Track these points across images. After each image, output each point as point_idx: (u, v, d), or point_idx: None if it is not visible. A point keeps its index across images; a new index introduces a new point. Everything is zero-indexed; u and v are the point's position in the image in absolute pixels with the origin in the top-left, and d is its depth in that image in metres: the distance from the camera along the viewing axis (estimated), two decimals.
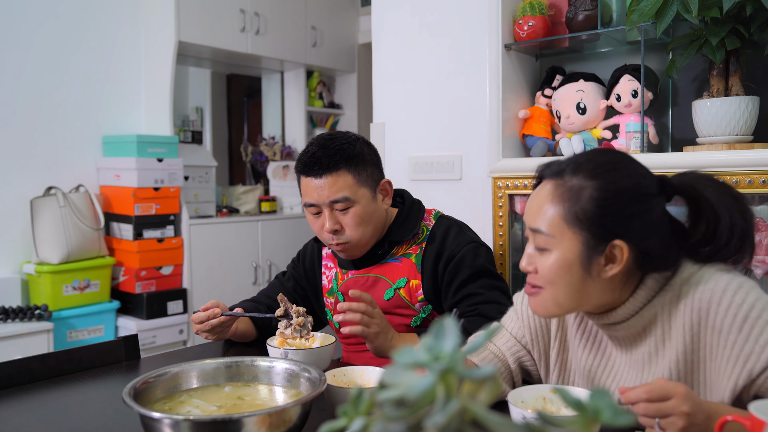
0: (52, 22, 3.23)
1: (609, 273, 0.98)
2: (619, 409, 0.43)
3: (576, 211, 0.97)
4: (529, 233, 1.03)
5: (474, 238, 1.54)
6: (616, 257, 0.98)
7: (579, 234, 0.97)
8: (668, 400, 0.87)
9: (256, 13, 3.77)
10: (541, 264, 1.01)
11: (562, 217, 0.98)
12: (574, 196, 0.97)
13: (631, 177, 0.99)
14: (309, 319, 1.31)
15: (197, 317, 1.44)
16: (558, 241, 0.98)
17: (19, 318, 2.83)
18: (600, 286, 1.00)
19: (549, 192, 1.00)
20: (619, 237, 0.97)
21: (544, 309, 1.03)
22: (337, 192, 1.43)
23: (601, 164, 0.99)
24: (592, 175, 0.98)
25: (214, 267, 3.52)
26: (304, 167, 1.46)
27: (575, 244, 0.98)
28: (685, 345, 1.00)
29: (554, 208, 0.99)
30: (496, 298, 1.45)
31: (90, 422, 1.07)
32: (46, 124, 3.22)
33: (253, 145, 4.46)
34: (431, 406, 0.40)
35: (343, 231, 1.46)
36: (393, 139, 2.42)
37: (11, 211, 3.09)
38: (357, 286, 1.54)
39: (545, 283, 1.01)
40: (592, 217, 0.96)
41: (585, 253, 0.98)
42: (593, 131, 2.02)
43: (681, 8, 1.62)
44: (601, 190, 0.97)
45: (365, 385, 1.11)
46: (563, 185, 0.99)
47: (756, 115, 1.71)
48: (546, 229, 0.99)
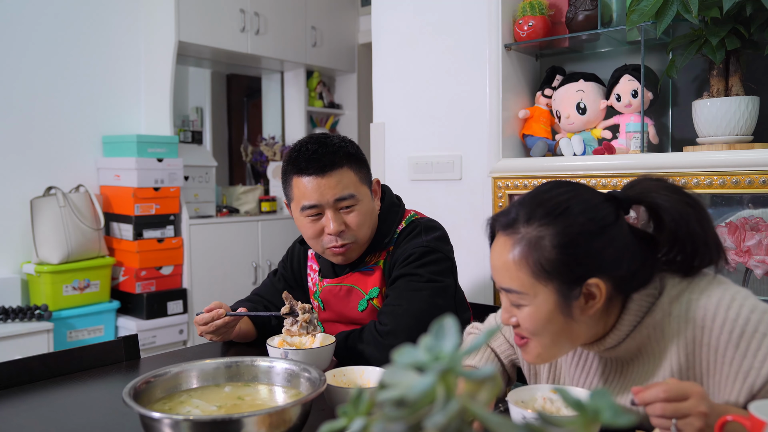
0: (51, 22, 3.23)
1: (591, 310, 0.97)
2: (619, 409, 0.43)
3: (541, 263, 0.94)
4: (501, 292, 1.01)
5: (426, 243, 1.44)
6: (594, 294, 0.96)
7: (550, 284, 0.95)
8: (686, 400, 0.85)
9: (256, 13, 3.77)
10: (521, 318, 0.99)
11: (529, 272, 0.95)
12: (535, 249, 0.95)
13: (585, 212, 0.95)
14: (315, 315, 1.30)
15: (201, 319, 1.42)
16: (531, 296, 0.96)
17: (19, 318, 2.83)
18: (585, 323, 0.99)
19: (509, 248, 0.97)
20: (591, 275, 0.95)
21: (537, 358, 1.01)
22: (343, 189, 1.38)
23: (551, 207, 0.96)
24: (546, 222, 0.95)
25: (214, 267, 3.52)
26: (305, 165, 1.38)
27: (549, 295, 0.95)
28: (680, 363, 0.98)
29: (518, 264, 0.96)
30: (405, 300, 1.36)
31: (90, 422, 1.07)
32: (46, 124, 3.22)
33: (253, 145, 4.46)
34: (431, 406, 0.40)
35: (347, 231, 1.40)
36: (393, 139, 2.42)
37: (11, 211, 3.09)
38: (331, 295, 1.51)
39: (530, 334, 0.99)
40: (559, 266, 0.94)
41: (561, 300, 0.95)
42: (593, 131, 2.03)
43: (681, 8, 1.62)
44: (559, 236, 0.94)
45: (365, 385, 1.11)
46: (520, 239, 0.96)
47: (756, 115, 1.71)
48: (517, 287, 0.97)
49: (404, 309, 1.35)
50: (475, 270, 2.20)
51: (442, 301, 1.41)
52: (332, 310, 1.52)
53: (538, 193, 1.00)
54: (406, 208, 1.57)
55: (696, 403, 0.85)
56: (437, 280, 1.40)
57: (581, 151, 1.98)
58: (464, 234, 2.22)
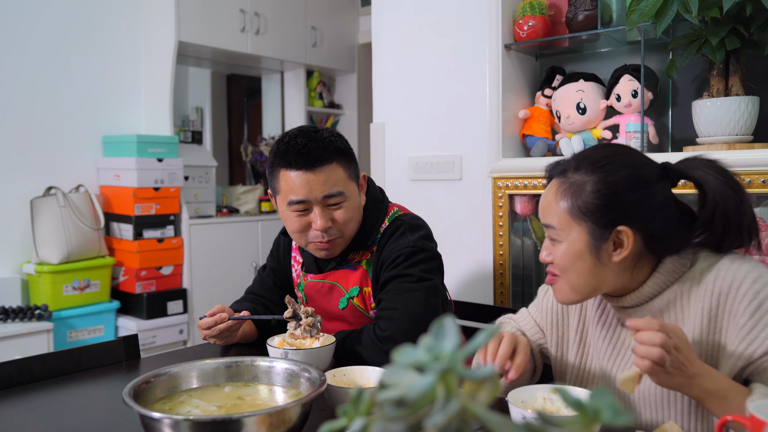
0: (51, 22, 3.23)
1: (618, 258, 1.05)
2: (619, 409, 0.43)
3: (579, 205, 1.05)
4: (544, 229, 1.12)
5: (413, 243, 1.42)
6: (623, 242, 1.05)
7: (584, 225, 1.05)
8: (671, 336, 0.92)
9: (256, 13, 3.77)
10: (555, 254, 1.09)
11: (567, 211, 1.07)
12: (577, 192, 1.06)
13: (627, 167, 1.06)
14: (318, 318, 1.30)
15: (204, 323, 1.41)
16: (566, 233, 1.07)
17: (19, 318, 2.83)
18: (612, 270, 1.06)
19: (555, 189, 1.09)
20: (622, 223, 1.04)
21: (563, 295, 1.10)
22: (332, 186, 1.36)
23: (598, 159, 1.07)
24: (591, 170, 1.06)
25: (214, 267, 3.52)
26: (294, 160, 1.35)
27: (582, 234, 1.06)
28: (702, 328, 1.04)
29: (560, 204, 1.08)
30: (399, 303, 1.35)
31: (90, 422, 1.07)
32: (46, 124, 3.22)
33: (253, 145, 4.46)
34: (431, 406, 0.40)
35: (334, 227, 1.39)
36: (393, 139, 2.42)
37: (11, 211, 3.09)
38: (314, 291, 1.51)
39: (560, 271, 1.09)
40: (594, 209, 1.04)
41: (592, 241, 1.05)
42: (593, 131, 2.02)
43: (681, 8, 1.62)
44: (600, 183, 1.04)
45: (365, 385, 1.11)
46: (567, 182, 1.08)
47: (756, 115, 1.71)
48: (555, 223, 1.08)
49: (400, 312, 1.34)
50: (475, 270, 2.20)
51: (435, 300, 1.41)
52: (315, 305, 1.52)
53: (593, 147, 1.13)
54: (390, 202, 1.55)
55: (681, 342, 0.93)
56: (428, 278, 1.40)
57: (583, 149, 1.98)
58: (464, 234, 2.22)
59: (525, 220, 2.13)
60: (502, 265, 2.12)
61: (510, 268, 2.12)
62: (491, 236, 2.15)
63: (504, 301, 2.13)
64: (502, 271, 2.12)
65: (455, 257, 2.22)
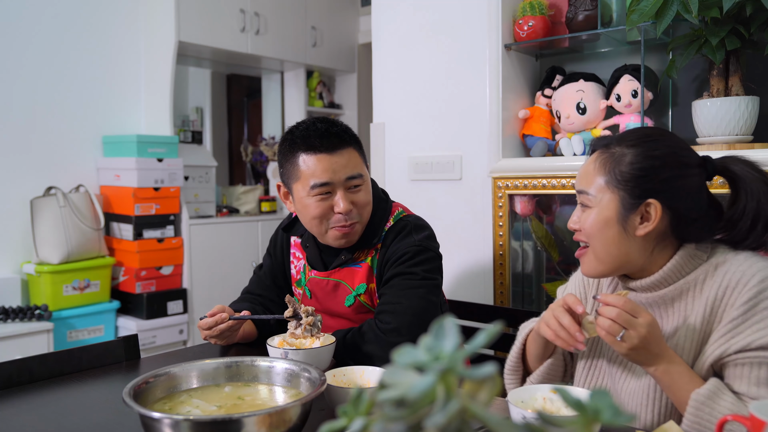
0: (51, 22, 3.23)
1: (643, 231, 1.08)
2: (619, 409, 0.43)
3: (616, 174, 1.10)
4: (577, 195, 1.17)
5: (418, 242, 1.45)
6: (650, 215, 1.08)
7: (617, 193, 1.09)
8: (636, 317, 1.00)
9: (256, 13, 3.77)
10: (584, 220, 1.13)
11: (603, 179, 1.11)
12: (616, 162, 1.10)
13: (668, 146, 1.10)
14: (318, 318, 1.30)
15: (205, 323, 1.42)
16: (599, 199, 1.11)
17: (19, 318, 2.83)
18: (636, 244, 1.10)
19: (596, 158, 1.14)
20: (652, 196, 1.07)
21: (589, 266, 1.14)
22: (354, 168, 1.40)
23: (642, 135, 1.12)
24: (633, 144, 1.11)
25: (214, 267, 3.52)
26: (318, 143, 1.37)
27: (613, 202, 1.10)
28: (703, 317, 1.06)
29: (598, 171, 1.12)
30: (403, 298, 1.37)
31: (90, 422, 1.07)
32: (46, 124, 3.22)
33: (253, 145, 4.46)
34: (431, 406, 0.40)
35: (354, 210, 1.41)
36: (393, 139, 2.42)
37: (11, 211, 3.09)
38: (318, 288, 1.51)
39: (587, 237, 1.13)
40: (629, 179, 1.08)
41: (621, 210, 1.09)
42: (593, 131, 2.02)
43: (681, 8, 1.62)
44: (639, 156, 1.09)
45: (365, 385, 1.11)
46: (608, 152, 1.13)
47: (756, 115, 1.71)
48: (589, 189, 1.12)
49: (405, 307, 1.36)
50: (475, 270, 2.20)
51: (436, 298, 1.44)
52: (317, 302, 1.52)
53: (638, 127, 1.19)
54: (394, 202, 1.57)
55: (642, 323, 1.00)
56: (431, 278, 1.43)
57: (581, 151, 1.98)
58: (464, 234, 2.22)
59: (525, 220, 2.13)
60: (502, 265, 2.12)
61: (510, 268, 2.12)
62: (491, 236, 2.15)
63: (504, 301, 2.13)
64: (501, 271, 2.12)
65: (455, 257, 2.22)
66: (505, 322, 1.72)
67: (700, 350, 1.06)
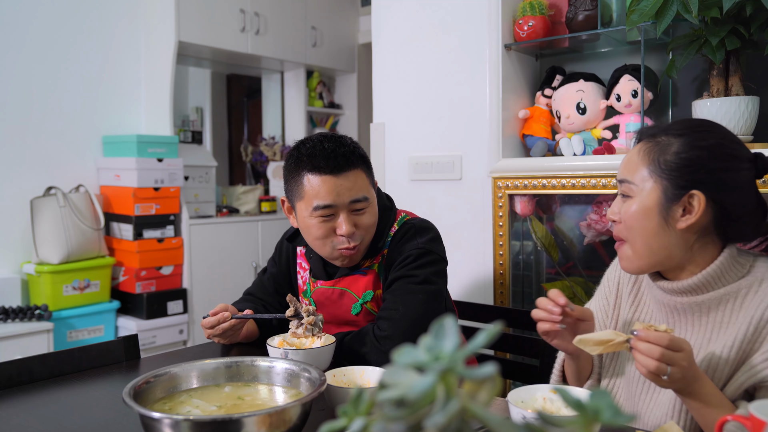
0: (51, 22, 3.23)
1: (684, 223, 1.04)
2: (619, 409, 0.43)
3: (660, 162, 1.05)
4: (618, 185, 1.13)
5: (422, 245, 1.43)
6: (693, 207, 1.03)
7: (660, 183, 1.05)
8: (680, 351, 0.93)
9: (256, 13, 3.77)
10: (624, 211, 1.09)
11: (647, 167, 1.07)
12: (661, 150, 1.06)
13: (717, 138, 1.05)
14: (320, 317, 1.30)
15: (207, 322, 1.41)
16: (641, 188, 1.07)
17: (19, 318, 2.83)
18: (676, 238, 1.05)
19: (641, 148, 1.10)
20: (696, 187, 1.03)
21: (628, 261, 1.10)
22: (359, 191, 1.36)
23: (690, 125, 1.08)
24: (680, 134, 1.06)
25: (214, 267, 3.52)
26: (324, 164, 1.34)
27: (656, 192, 1.05)
28: (745, 335, 1.02)
29: (642, 161, 1.08)
30: (401, 305, 1.36)
31: (90, 422, 1.07)
32: (46, 124, 3.22)
33: (253, 145, 4.46)
34: (431, 406, 0.40)
35: (358, 232, 1.38)
36: (393, 139, 2.42)
37: (11, 211, 3.09)
38: (324, 298, 1.50)
39: (626, 230, 1.09)
40: (674, 168, 1.04)
41: (663, 200, 1.05)
42: (593, 131, 2.02)
43: (681, 8, 1.62)
44: (685, 145, 1.04)
45: (365, 385, 1.11)
46: (654, 141, 1.08)
47: (756, 115, 1.71)
48: (632, 178, 1.08)
49: (401, 314, 1.35)
50: (475, 270, 2.20)
51: (436, 304, 1.41)
52: (325, 311, 1.51)
53: (689, 118, 1.13)
54: (398, 209, 1.56)
55: (684, 357, 0.93)
56: (432, 282, 1.41)
57: (581, 151, 1.98)
58: (464, 234, 2.22)
59: (525, 220, 2.13)
60: (502, 265, 2.12)
61: (510, 268, 2.12)
62: (491, 236, 2.15)
63: (504, 301, 2.13)
64: (502, 271, 2.12)
65: (455, 257, 2.22)
66: (505, 322, 1.72)
67: (736, 367, 1.02)
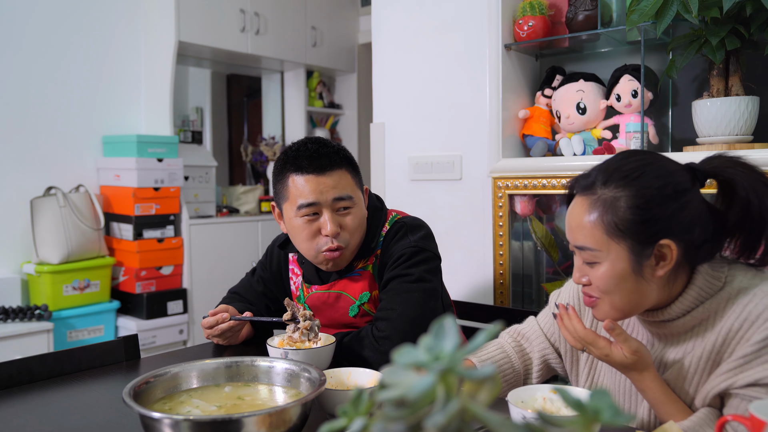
0: (51, 22, 3.23)
1: (662, 271, 1.00)
2: (619, 409, 0.43)
3: (616, 223, 0.99)
4: (574, 249, 1.06)
5: (414, 243, 1.43)
6: (665, 255, 1.00)
7: (624, 243, 0.99)
8: (594, 346, 1.03)
9: (256, 13, 3.77)
10: (593, 276, 1.03)
11: (603, 231, 1.00)
12: (610, 209, 0.99)
13: (661, 177, 0.99)
14: (316, 322, 1.30)
15: (206, 323, 1.42)
16: (605, 253, 1.00)
17: (19, 318, 2.83)
18: (655, 285, 1.02)
19: (585, 208, 1.02)
20: (664, 236, 0.98)
21: (606, 314, 1.05)
22: (342, 190, 1.37)
23: (628, 171, 1.00)
24: (623, 185, 0.99)
25: (214, 267, 3.52)
26: (306, 164, 1.36)
27: (622, 253, 1.00)
28: (714, 346, 1.01)
29: (593, 223, 1.01)
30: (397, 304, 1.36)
31: (90, 422, 1.07)
32: (46, 124, 3.22)
33: (253, 145, 4.46)
34: (431, 406, 0.40)
35: (342, 233, 1.39)
36: (393, 139, 2.42)
37: (11, 211, 3.09)
38: (320, 302, 1.50)
39: (601, 293, 1.03)
40: (632, 225, 0.98)
41: (634, 259, 0.99)
42: (593, 131, 2.02)
43: (681, 8, 1.62)
44: (635, 198, 0.98)
45: (352, 386, 1.11)
46: (597, 199, 1.01)
47: (756, 115, 1.71)
48: (591, 245, 1.01)
49: (398, 314, 1.35)
50: (475, 269, 2.20)
51: (433, 303, 1.41)
52: (323, 315, 1.50)
53: (616, 159, 1.04)
54: (388, 209, 1.56)
55: (600, 353, 1.03)
56: (427, 279, 1.41)
57: (581, 151, 1.98)
58: (464, 234, 2.22)
59: (525, 220, 2.13)
60: (502, 265, 2.12)
61: (510, 268, 2.12)
62: (491, 236, 2.15)
63: (504, 301, 2.13)
64: (502, 271, 2.12)
65: (455, 257, 2.22)
66: (505, 322, 1.72)
67: (704, 377, 1.02)
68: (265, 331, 1.55)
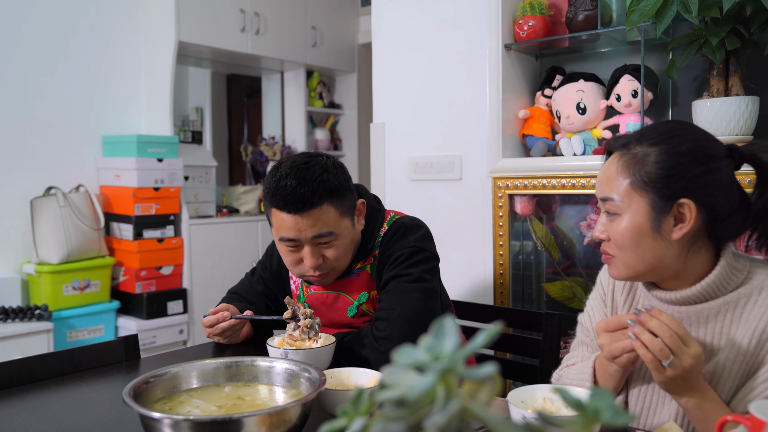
0: (52, 22, 3.23)
1: (678, 234, 1.01)
2: (619, 409, 0.43)
3: (641, 175, 1.02)
4: (600, 203, 1.09)
5: (413, 243, 1.43)
6: (684, 216, 1.01)
7: (646, 196, 1.02)
8: (687, 346, 0.93)
9: (256, 13, 3.77)
10: (612, 230, 1.05)
11: (629, 182, 1.03)
12: (639, 163, 1.02)
13: (693, 140, 1.02)
14: (317, 321, 1.30)
15: (207, 321, 1.43)
16: (627, 205, 1.03)
17: (19, 318, 2.83)
18: (671, 249, 1.03)
19: (617, 162, 1.06)
20: (684, 196, 1.00)
21: (619, 272, 1.07)
22: (322, 227, 1.33)
23: (663, 131, 1.04)
24: (655, 142, 1.03)
25: (214, 267, 3.52)
26: (282, 203, 1.31)
27: (643, 206, 1.02)
28: (748, 347, 1.00)
29: (622, 175, 1.04)
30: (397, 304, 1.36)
31: (90, 422, 1.07)
32: (46, 124, 3.22)
33: (253, 145, 4.46)
34: (431, 406, 0.40)
35: (325, 263, 1.38)
36: (393, 139, 2.42)
37: (11, 211, 3.09)
38: (319, 302, 1.50)
39: (617, 249, 1.05)
40: (657, 179, 1.01)
41: (653, 214, 1.02)
42: (593, 131, 2.03)
43: (681, 8, 1.62)
44: (664, 154, 1.01)
45: (352, 387, 1.11)
46: (629, 154, 1.04)
47: (756, 115, 1.71)
48: (615, 195, 1.04)
49: (398, 314, 1.35)
50: (475, 270, 2.20)
51: (432, 302, 1.41)
52: (321, 315, 1.51)
53: (656, 123, 1.07)
54: (386, 209, 1.55)
55: (692, 354, 0.93)
56: (425, 279, 1.41)
57: (581, 151, 1.98)
58: (464, 234, 2.22)
59: (525, 220, 2.13)
60: (502, 265, 2.12)
61: (510, 268, 2.12)
62: (491, 236, 2.15)
63: (504, 301, 2.13)
64: (502, 271, 2.12)
65: (455, 257, 2.22)
66: (505, 322, 1.72)
67: (747, 376, 1.01)
68: (265, 332, 1.55)
